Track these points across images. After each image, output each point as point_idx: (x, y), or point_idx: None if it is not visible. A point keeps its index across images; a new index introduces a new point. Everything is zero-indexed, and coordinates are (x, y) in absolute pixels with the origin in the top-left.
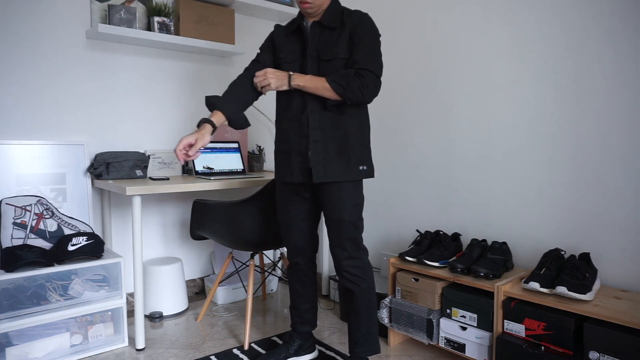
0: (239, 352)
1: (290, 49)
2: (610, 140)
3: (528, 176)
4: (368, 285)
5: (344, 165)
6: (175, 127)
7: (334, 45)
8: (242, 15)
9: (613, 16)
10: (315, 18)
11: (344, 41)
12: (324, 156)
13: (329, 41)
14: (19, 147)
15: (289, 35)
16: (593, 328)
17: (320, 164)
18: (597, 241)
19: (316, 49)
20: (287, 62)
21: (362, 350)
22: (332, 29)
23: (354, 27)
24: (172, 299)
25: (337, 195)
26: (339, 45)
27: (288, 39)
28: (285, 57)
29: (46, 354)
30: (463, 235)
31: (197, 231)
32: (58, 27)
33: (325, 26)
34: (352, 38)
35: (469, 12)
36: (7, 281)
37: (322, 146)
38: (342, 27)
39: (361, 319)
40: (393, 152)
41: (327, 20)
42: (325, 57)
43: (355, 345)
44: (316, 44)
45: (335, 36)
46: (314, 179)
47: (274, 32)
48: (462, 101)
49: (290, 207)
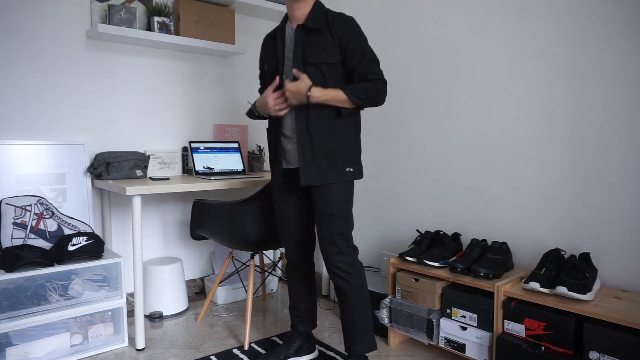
0: (239, 352)
1: (271, 56)
2: (610, 140)
3: (528, 176)
4: (359, 282)
5: (332, 168)
6: (175, 127)
7: (321, 49)
8: (242, 15)
9: (613, 16)
10: (299, 21)
11: (332, 46)
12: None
13: (315, 44)
14: (19, 147)
15: (270, 41)
16: (593, 328)
17: (308, 167)
18: (597, 241)
19: (302, 52)
20: (271, 72)
21: (359, 347)
22: (316, 31)
23: (344, 33)
24: (172, 299)
25: (327, 192)
26: (326, 49)
27: (270, 46)
28: (268, 68)
29: (46, 354)
30: (463, 235)
31: (197, 231)
32: (58, 27)
33: (309, 29)
34: (344, 45)
35: (469, 12)
36: (7, 281)
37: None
38: (327, 29)
39: (355, 317)
40: (393, 152)
41: (311, 22)
42: (312, 60)
43: (352, 343)
44: (302, 47)
45: (321, 39)
46: (302, 183)
47: (263, 42)
48: (462, 101)
49: (285, 205)
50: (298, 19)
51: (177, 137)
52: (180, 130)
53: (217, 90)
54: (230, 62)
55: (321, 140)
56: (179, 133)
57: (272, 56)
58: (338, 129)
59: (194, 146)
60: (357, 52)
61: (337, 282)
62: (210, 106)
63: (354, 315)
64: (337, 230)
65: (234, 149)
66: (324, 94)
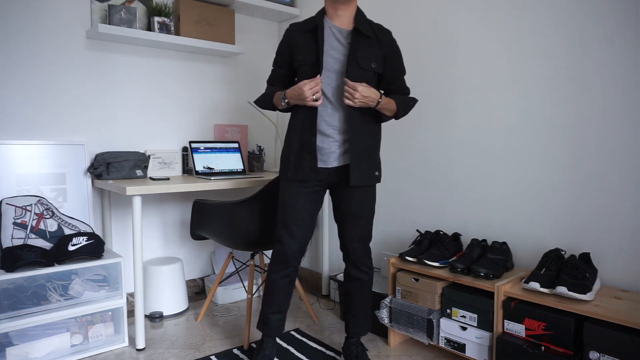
0: (239, 352)
1: (308, 49)
2: (610, 140)
3: (528, 176)
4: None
5: (373, 170)
6: (175, 127)
7: (372, 57)
8: (242, 15)
9: (613, 16)
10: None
11: (380, 56)
12: (361, 160)
13: (367, 50)
14: (19, 147)
15: (306, 33)
16: (593, 328)
17: (359, 167)
18: (597, 241)
19: (355, 56)
20: (306, 64)
21: (367, 328)
22: (367, 37)
23: (391, 47)
24: (172, 299)
25: (363, 193)
26: (375, 59)
27: (304, 37)
28: (304, 59)
29: (46, 354)
30: (463, 235)
31: (197, 231)
32: (58, 27)
33: (362, 34)
34: (388, 57)
35: (469, 12)
36: (8, 281)
37: (360, 150)
38: (376, 38)
39: (367, 303)
40: (393, 152)
41: (363, 28)
42: (363, 66)
43: (365, 324)
44: (355, 50)
45: (372, 47)
46: (352, 182)
47: (290, 31)
48: (462, 101)
49: (306, 204)
50: (343, 21)
51: (177, 137)
52: (181, 130)
53: (217, 90)
54: (230, 62)
55: (365, 142)
56: (179, 133)
57: (311, 48)
58: (375, 133)
59: (194, 146)
60: (399, 67)
61: (359, 276)
62: (210, 106)
63: (367, 301)
64: (367, 230)
65: (234, 149)
66: (388, 101)
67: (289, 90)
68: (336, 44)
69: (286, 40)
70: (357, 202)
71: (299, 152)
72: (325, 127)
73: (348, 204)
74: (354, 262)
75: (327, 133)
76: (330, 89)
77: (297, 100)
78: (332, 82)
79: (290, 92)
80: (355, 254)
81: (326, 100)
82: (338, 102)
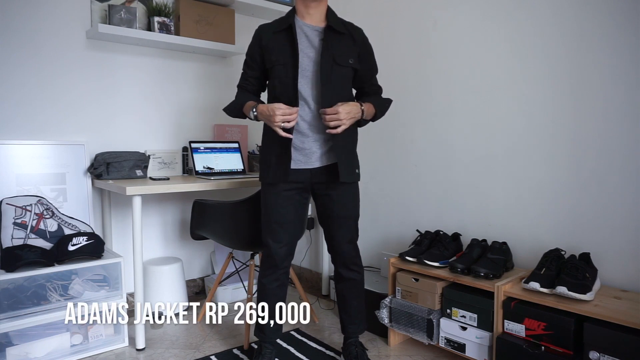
0: (239, 352)
1: (281, 50)
2: (610, 140)
3: (528, 176)
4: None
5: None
6: (175, 127)
7: (348, 53)
8: (242, 15)
9: (612, 16)
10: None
11: (355, 52)
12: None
13: (342, 47)
14: (19, 147)
15: (276, 33)
16: (593, 328)
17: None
18: (597, 241)
19: (330, 53)
20: (280, 65)
21: (363, 327)
22: (341, 34)
23: (364, 43)
24: (172, 299)
25: (347, 193)
26: (351, 55)
27: (276, 37)
28: (277, 60)
29: (46, 354)
30: (463, 235)
31: (197, 231)
32: (58, 27)
33: (336, 31)
34: (361, 54)
35: (469, 12)
36: (8, 281)
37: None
38: (349, 34)
39: (361, 301)
40: (393, 152)
41: (336, 25)
42: (340, 62)
43: (362, 322)
44: (330, 47)
45: (346, 44)
46: (341, 178)
47: (260, 31)
48: (461, 101)
49: (290, 206)
50: (314, 19)
51: (177, 137)
52: (181, 130)
53: (217, 90)
54: (230, 62)
55: (348, 140)
56: (179, 133)
57: (284, 48)
58: (353, 132)
59: (194, 146)
60: (372, 65)
61: (351, 276)
62: (210, 106)
63: (361, 300)
64: (355, 230)
65: (234, 149)
66: (368, 107)
67: (261, 107)
68: (310, 42)
69: (257, 41)
70: (341, 203)
71: (278, 155)
72: (305, 128)
73: (333, 206)
74: (345, 263)
75: (307, 133)
76: (308, 89)
77: (266, 120)
78: (308, 82)
79: (262, 109)
80: (346, 255)
81: (302, 101)
82: (315, 102)
